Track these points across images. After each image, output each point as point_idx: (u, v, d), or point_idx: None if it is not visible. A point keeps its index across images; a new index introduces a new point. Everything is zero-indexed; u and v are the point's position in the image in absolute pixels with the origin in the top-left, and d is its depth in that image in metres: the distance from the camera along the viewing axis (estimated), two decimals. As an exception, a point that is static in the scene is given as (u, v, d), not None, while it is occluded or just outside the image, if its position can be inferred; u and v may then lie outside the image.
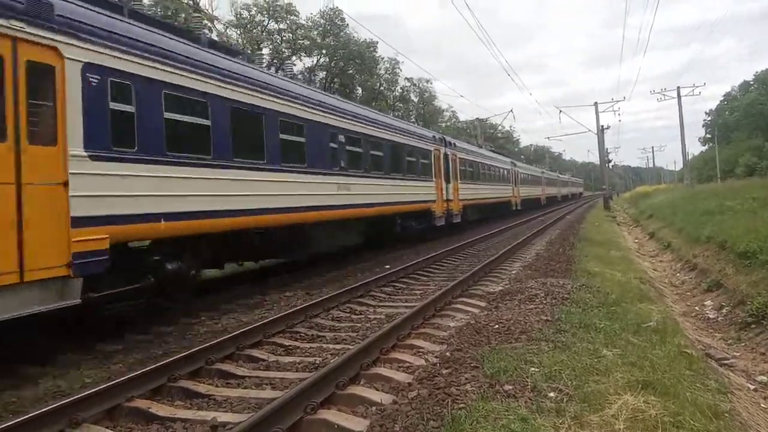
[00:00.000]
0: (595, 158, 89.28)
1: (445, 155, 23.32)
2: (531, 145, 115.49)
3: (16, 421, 4.53)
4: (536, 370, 5.33)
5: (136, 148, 7.92)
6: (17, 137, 6.25)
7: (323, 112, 13.53)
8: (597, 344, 6.09)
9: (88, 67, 7.18)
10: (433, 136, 22.87)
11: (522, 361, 5.59)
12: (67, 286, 6.66)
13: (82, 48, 7.12)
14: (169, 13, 32.80)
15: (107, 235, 7.24)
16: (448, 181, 23.11)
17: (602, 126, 47.88)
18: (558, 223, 28.41)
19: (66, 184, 6.76)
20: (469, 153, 28.50)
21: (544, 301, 8.48)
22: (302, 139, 12.42)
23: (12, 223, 6.13)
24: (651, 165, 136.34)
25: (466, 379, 5.22)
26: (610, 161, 63.57)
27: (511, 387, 4.96)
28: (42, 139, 6.55)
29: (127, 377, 5.46)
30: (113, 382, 5.35)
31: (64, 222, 6.71)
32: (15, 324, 6.11)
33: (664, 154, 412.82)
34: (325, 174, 13.29)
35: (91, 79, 7.21)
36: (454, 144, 25.74)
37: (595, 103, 47.35)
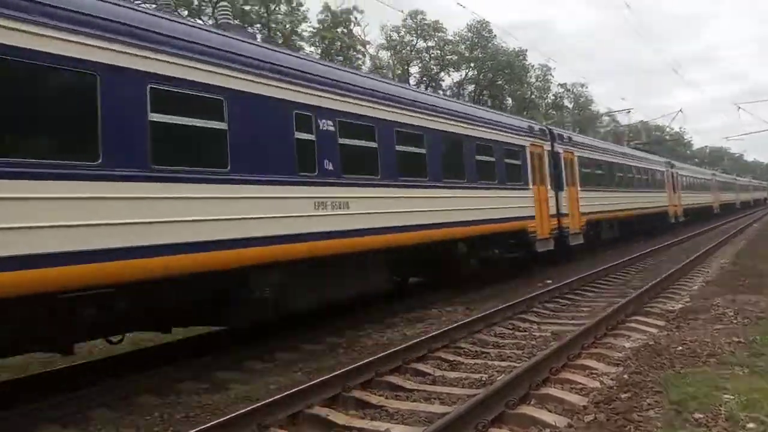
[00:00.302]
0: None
1: (554, 153, 17.35)
2: (705, 146, 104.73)
3: (214, 422, 5.03)
4: (730, 397, 4.81)
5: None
6: None
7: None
8: (804, 371, 5.34)
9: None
10: (530, 127, 16.72)
11: (713, 387, 5.09)
12: None
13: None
14: (326, 42, 34.94)
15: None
16: (560, 189, 17.33)
17: (794, 120, 42.02)
18: (744, 232, 25.35)
19: None
20: (594, 150, 21.71)
21: (734, 321, 7.63)
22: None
23: None
24: None
25: (649, 404, 4.86)
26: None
27: (701, 415, 4.53)
28: None
29: (307, 385, 5.83)
30: (295, 389, 5.74)
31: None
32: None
33: None
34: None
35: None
36: (570, 138, 19.59)
37: (783, 95, 41.75)
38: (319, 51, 33.93)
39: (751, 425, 4.31)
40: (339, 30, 33.74)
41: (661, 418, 4.53)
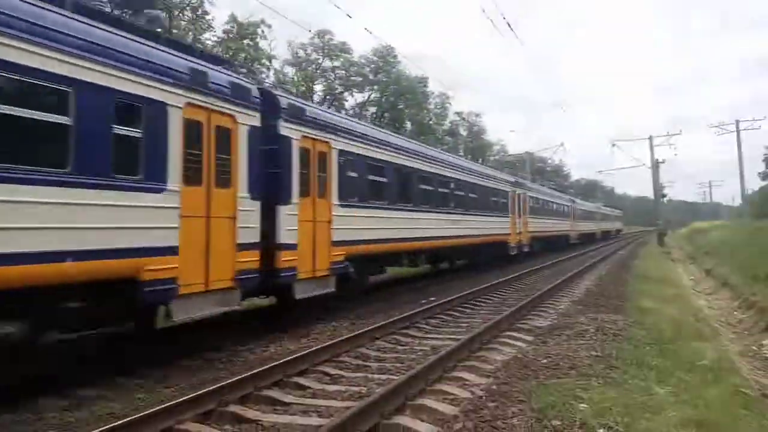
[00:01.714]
0: (649, 192, 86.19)
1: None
2: (581, 179, 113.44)
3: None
4: (586, 406, 5.22)
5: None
6: None
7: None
8: (649, 381, 5.92)
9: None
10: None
11: (571, 396, 5.49)
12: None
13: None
14: (230, 53, 34.19)
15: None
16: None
17: (657, 160, 46.77)
18: (611, 258, 27.71)
19: None
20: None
21: (595, 337, 8.29)
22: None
23: None
24: (708, 200, 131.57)
25: (513, 413, 5.16)
26: (665, 196, 61.68)
27: (559, 422, 4.87)
28: None
29: (178, 401, 5.60)
30: (164, 405, 5.50)
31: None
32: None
33: (722, 190, 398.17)
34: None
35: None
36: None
37: (650, 137, 46.41)
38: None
39: (600, 431, 4.69)
40: (245, 42, 33.13)
41: (523, 426, 4.83)
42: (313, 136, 10.83)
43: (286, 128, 10.05)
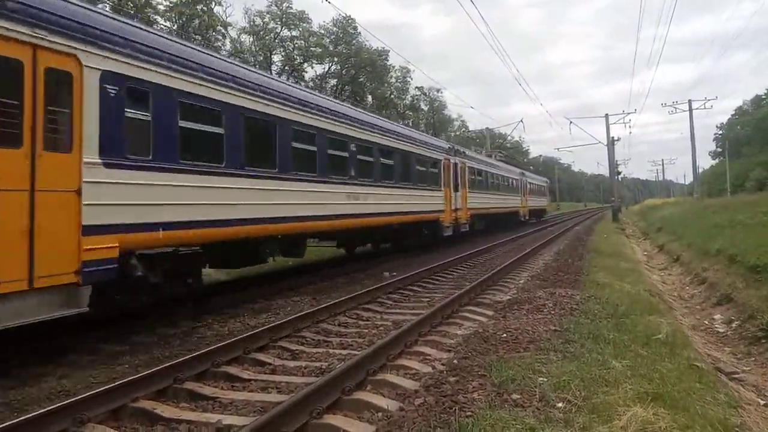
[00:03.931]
0: (605, 170, 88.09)
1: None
2: (540, 156, 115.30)
3: (20, 419, 4.52)
4: (545, 379, 5.27)
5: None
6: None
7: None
8: (606, 355, 6.02)
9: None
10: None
11: (530, 370, 5.54)
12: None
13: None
14: (184, 19, 32.99)
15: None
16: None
17: (613, 138, 47.79)
18: (566, 234, 28.27)
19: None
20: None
21: (553, 311, 8.41)
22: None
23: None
24: (661, 178, 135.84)
25: (474, 387, 5.17)
26: (620, 173, 63.29)
27: (519, 396, 4.90)
28: None
29: (132, 378, 5.44)
30: (118, 382, 5.34)
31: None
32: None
33: (675, 168, 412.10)
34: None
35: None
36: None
37: (606, 115, 47.33)
38: (175, 27, 31.90)
39: (560, 404, 4.74)
40: (199, 7, 31.95)
41: (484, 399, 4.84)
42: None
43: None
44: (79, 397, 4.99)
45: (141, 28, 8.65)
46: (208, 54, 10.04)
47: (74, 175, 6.73)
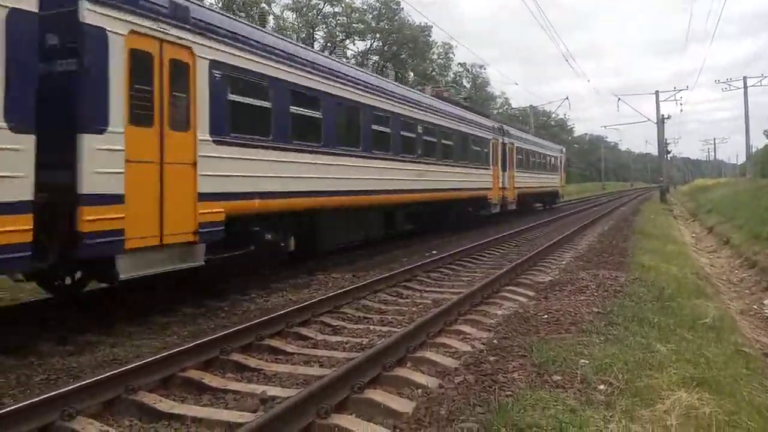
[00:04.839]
0: (653, 148, 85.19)
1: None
2: (586, 134, 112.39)
3: (76, 385, 4.72)
4: (586, 362, 5.23)
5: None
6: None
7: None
8: (650, 339, 5.92)
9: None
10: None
11: (571, 352, 5.50)
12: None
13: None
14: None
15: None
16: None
17: (662, 116, 46.16)
18: (612, 215, 27.65)
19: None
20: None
21: (596, 293, 8.30)
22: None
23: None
24: (712, 158, 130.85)
25: (514, 367, 5.18)
26: (669, 152, 61.24)
27: (559, 377, 4.89)
28: None
29: (181, 348, 5.63)
30: (168, 352, 5.53)
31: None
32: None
33: (726, 147, 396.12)
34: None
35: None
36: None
37: (656, 92, 45.69)
38: (219, 4, 32.25)
39: (601, 387, 4.71)
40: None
41: (524, 380, 4.85)
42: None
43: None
44: (130, 366, 5.18)
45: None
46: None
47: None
